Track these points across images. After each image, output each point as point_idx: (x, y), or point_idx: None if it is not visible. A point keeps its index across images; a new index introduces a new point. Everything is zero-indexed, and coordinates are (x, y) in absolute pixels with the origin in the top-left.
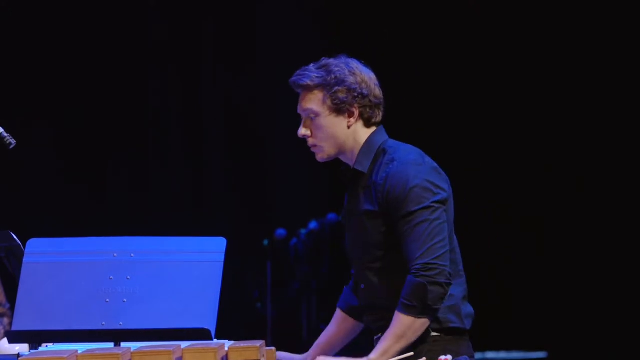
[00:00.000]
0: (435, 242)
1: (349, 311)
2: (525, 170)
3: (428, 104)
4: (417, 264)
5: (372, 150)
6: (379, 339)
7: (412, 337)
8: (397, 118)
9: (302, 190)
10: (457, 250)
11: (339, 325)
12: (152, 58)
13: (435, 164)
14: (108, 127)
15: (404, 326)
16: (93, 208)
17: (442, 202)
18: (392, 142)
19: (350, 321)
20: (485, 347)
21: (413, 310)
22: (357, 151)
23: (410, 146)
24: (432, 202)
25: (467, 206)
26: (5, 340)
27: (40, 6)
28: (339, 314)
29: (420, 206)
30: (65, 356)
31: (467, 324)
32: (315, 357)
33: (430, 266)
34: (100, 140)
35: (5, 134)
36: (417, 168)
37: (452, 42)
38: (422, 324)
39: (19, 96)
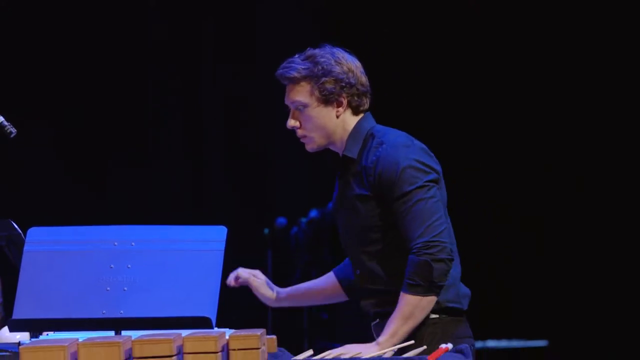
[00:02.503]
0: (434, 220)
1: (343, 282)
2: (525, 170)
3: (428, 103)
4: (418, 243)
5: (361, 136)
6: (376, 324)
7: (419, 317)
8: (397, 118)
9: (303, 179)
10: (451, 231)
11: (327, 285)
12: (152, 58)
13: (424, 146)
14: (108, 127)
15: (411, 306)
16: (93, 208)
17: (435, 180)
18: (380, 127)
19: (338, 289)
20: (485, 336)
21: (419, 289)
22: (345, 139)
23: (398, 130)
24: (426, 182)
25: (467, 206)
26: (6, 328)
27: (41, 6)
28: (332, 278)
29: (415, 186)
30: (66, 344)
31: (465, 304)
32: (288, 297)
33: (431, 244)
34: (100, 140)
35: (6, 123)
36: (406, 149)
37: (452, 42)
38: (428, 301)
39: (19, 96)
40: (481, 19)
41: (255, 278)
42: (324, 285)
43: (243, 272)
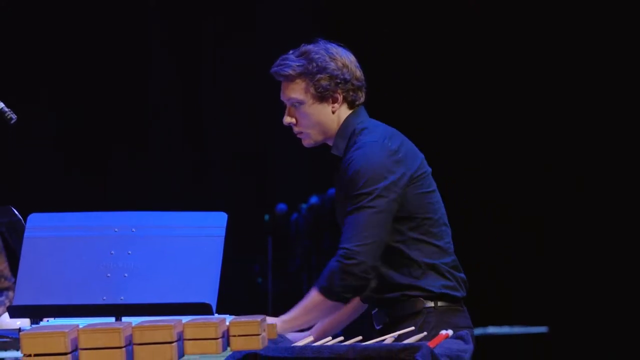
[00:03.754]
0: (365, 232)
1: None
2: (525, 170)
3: (428, 103)
4: (341, 249)
5: (347, 134)
6: (376, 313)
7: (319, 315)
8: (396, 118)
9: (303, 165)
10: (445, 221)
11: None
12: (152, 58)
13: (396, 145)
14: (108, 126)
15: (314, 302)
16: (93, 195)
17: (388, 189)
18: (366, 123)
19: (354, 300)
20: (486, 322)
21: (323, 291)
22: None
23: (379, 128)
24: (377, 188)
25: (467, 206)
26: (6, 314)
27: (42, 5)
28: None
29: (362, 191)
30: (67, 330)
31: (461, 291)
32: (318, 337)
33: (351, 254)
34: (101, 139)
35: (6, 109)
36: (372, 151)
37: (452, 42)
38: (330, 305)
39: (21, 93)
40: (481, 19)
41: None
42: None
43: None
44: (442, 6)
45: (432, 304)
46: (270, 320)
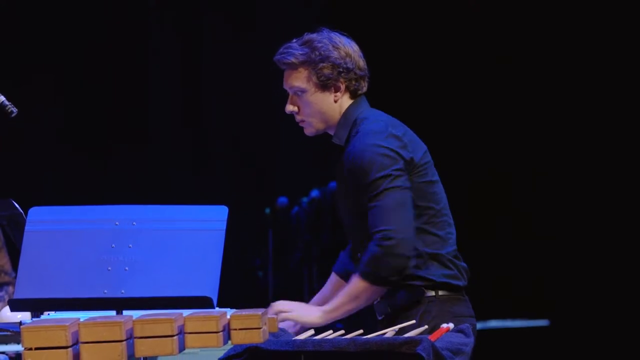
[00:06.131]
0: (396, 211)
1: (345, 275)
2: (527, 164)
3: (428, 103)
4: (378, 232)
5: (349, 123)
6: (377, 304)
7: (364, 301)
8: (396, 112)
9: (304, 159)
10: (446, 211)
11: (333, 287)
12: (153, 50)
13: (400, 132)
14: (109, 120)
15: (358, 289)
16: (94, 189)
17: (402, 169)
18: (367, 112)
19: (344, 285)
20: (488, 316)
21: (368, 277)
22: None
23: (380, 116)
24: (392, 170)
25: (469, 200)
26: (7, 308)
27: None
28: (334, 278)
29: (380, 174)
30: (68, 324)
31: (462, 280)
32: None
33: (389, 234)
34: (101, 132)
35: (7, 103)
36: (375, 137)
37: (452, 42)
38: (374, 291)
39: (21, 87)
40: (481, 18)
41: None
42: (333, 290)
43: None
44: (442, 6)
45: (432, 293)
46: (312, 310)
